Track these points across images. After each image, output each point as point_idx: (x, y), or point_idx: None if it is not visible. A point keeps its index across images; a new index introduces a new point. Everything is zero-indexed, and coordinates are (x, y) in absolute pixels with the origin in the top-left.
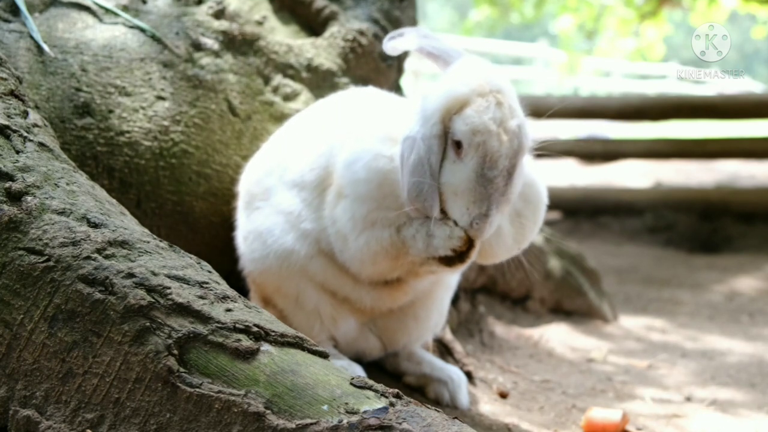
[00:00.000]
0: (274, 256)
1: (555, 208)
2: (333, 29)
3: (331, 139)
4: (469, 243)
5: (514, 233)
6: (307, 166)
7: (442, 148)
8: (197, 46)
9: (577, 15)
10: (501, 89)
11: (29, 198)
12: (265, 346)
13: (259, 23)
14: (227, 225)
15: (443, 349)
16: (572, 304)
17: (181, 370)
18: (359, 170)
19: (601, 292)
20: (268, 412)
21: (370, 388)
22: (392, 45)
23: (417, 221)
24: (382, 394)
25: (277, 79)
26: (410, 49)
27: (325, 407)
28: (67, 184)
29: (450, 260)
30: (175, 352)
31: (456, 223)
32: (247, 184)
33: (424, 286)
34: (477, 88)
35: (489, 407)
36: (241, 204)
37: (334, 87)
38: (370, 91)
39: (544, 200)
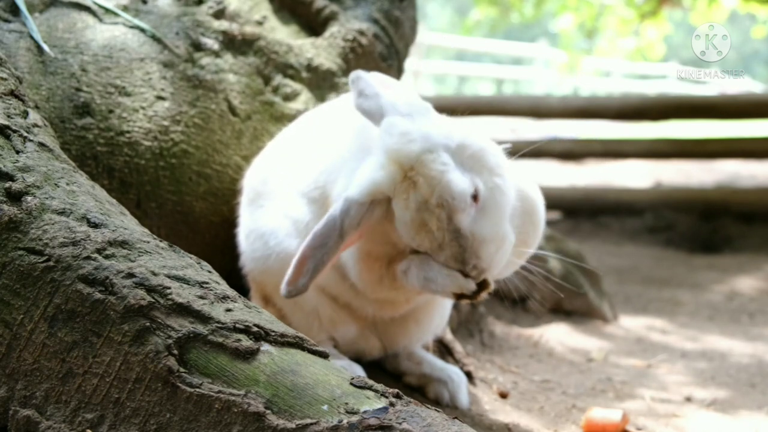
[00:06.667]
0: (275, 258)
1: (555, 208)
2: (333, 29)
3: (331, 157)
4: (479, 284)
5: (515, 251)
6: (312, 182)
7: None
8: (197, 46)
9: (577, 15)
10: (414, 159)
11: (29, 198)
12: (265, 346)
13: (259, 23)
14: (227, 225)
15: (443, 349)
16: (572, 304)
17: (181, 370)
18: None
19: (601, 292)
20: (268, 412)
21: (370, 388)
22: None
23: (413, 261)
24: (382, 394)
25: (277, 79)
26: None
27: (325, 407)
28: (67, 184)
29: (458, 296)
30: (175, 352)
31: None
32: (252, 181)
33: (428, 296)
34: (395, 176)
35: (489, 407)
36: (244, 200)
37: (334, 87)
38: None
39: (541, 208)
